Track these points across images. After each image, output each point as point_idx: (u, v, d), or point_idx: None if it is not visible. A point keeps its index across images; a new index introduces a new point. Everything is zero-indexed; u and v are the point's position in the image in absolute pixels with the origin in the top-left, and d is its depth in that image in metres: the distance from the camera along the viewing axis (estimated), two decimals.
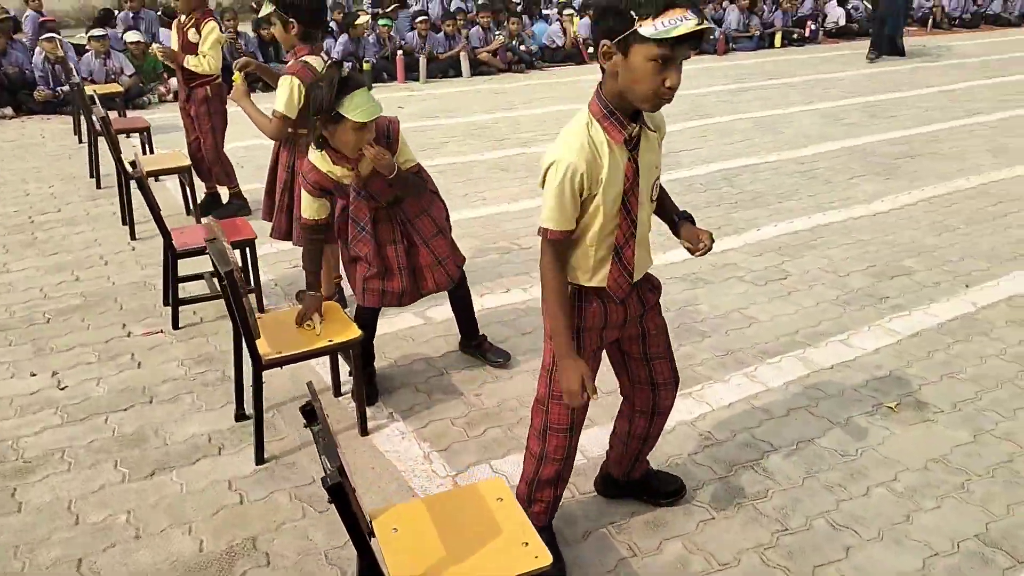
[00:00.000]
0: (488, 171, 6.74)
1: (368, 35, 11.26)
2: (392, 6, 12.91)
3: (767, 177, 6.44)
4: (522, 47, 12.39)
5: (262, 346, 2.75)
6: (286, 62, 3.69)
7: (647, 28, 1.68)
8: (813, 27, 15.47)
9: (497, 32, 12.09)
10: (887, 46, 12.99)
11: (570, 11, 13.04)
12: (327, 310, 3.05)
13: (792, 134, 7.96)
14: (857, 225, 5.28)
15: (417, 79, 11.15)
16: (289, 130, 3.63)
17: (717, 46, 13.88)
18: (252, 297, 3.98)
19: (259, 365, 2.71)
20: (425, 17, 11.80)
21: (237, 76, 3.89)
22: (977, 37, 16.36)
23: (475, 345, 3.54)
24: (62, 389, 3.35)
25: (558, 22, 13.07)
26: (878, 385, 3.31)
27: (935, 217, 5.41)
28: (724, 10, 14.60)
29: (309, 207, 2.94)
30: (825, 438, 2.94)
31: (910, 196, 5.87)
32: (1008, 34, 16.83)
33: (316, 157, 2.85)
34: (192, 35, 5.17)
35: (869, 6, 16.03)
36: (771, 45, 14.64)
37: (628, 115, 1.87)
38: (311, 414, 1.54)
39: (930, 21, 17.49)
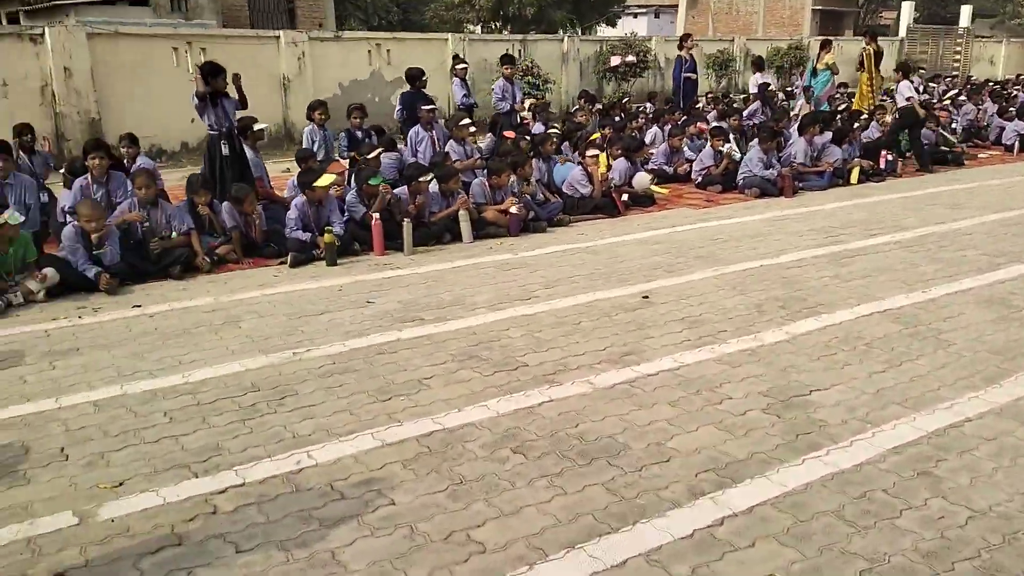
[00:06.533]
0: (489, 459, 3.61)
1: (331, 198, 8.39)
2: (376, 151, 9.89)
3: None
4: (538, 199, 9.64)
5: None
6: None
7: None
8: (889, 158, 12.74)
9: (514, 187, 9.24)
10: None
11: (594, 152, 10.31)
12: None
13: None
14: None
15: (400, 248, 8.25)
16: None
17: (783, 186, 11.05)
18: None
19: None
20: (430, 176, 8.91)
21: None
22: None
23: None
24: None
25: (580, 166, 10.34)
26: None
27: None
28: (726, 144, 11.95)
29: None
30: None
31: None
32: None
33: None
34: None
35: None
36: (847, 182, 11.85)
37: None
38: None
39: None
